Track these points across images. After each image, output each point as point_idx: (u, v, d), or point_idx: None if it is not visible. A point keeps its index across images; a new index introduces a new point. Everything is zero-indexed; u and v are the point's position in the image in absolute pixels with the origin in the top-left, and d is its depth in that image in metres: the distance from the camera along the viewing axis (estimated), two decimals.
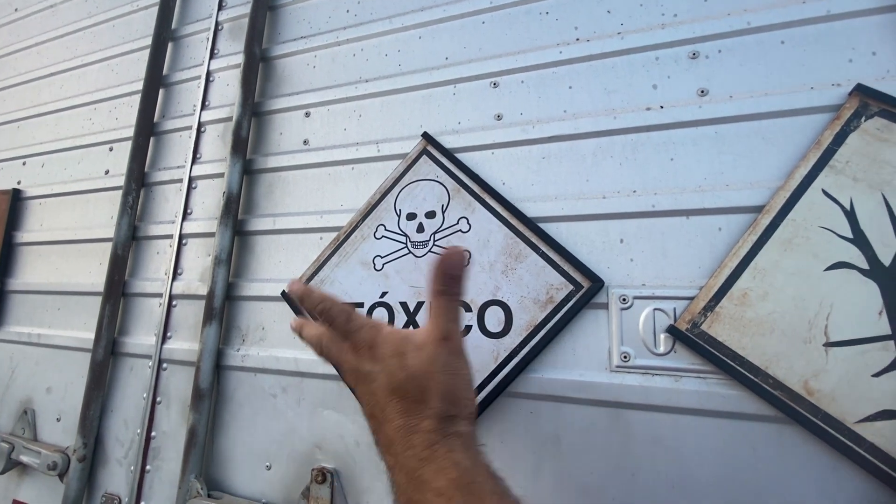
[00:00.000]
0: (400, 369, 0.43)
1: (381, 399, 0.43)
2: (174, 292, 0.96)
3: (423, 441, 0.39)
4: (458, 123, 0.81)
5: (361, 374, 0.44)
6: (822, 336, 0.55)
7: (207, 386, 0.84)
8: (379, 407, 0.43)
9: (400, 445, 0.40)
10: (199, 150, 1.04)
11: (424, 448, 0.39)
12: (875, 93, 0.58)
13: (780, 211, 0.59)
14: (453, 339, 0.45)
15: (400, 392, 0.42)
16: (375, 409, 0.43)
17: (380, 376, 0.43)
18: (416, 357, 0.43)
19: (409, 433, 0.40)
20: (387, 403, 0.42)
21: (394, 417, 0.42)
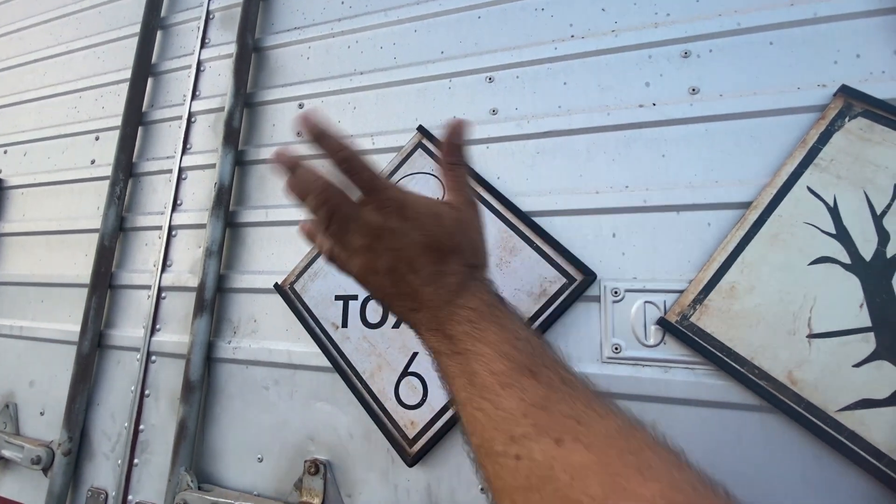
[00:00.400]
0: (437, 226, 0.44)
1: (411, 253, 0.43)
2: (163, 284, 0.95)
3: (456, 279, 0.43)
4: (454, 117, 0.81)
5: (388, 231, 0.43)
6: (806, 328, 0.57)
7: (198, 378, 0.83)
8: (406, 260, 0.44)
9: (431, 287, 0.43)
10: (189, 141, 1.02)
11: (457, 284, 0.43)
12: (858, 94, 0.60)
13: (767, 207, 0.61)
14: (476, 203, 0.49)
15: (435, 245, 0.44)
16: (400, 263, 0.44)
17: (412, 233, 0.44)
18: (451, 216, 0.46)
19: (442, 276, 0.44)
20: (418, 256, 0.43)
21: (425, 266, 0.44)
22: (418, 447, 0.68)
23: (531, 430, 0.34)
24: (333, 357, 0.76)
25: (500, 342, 0.40)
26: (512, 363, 0.38)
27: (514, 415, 0.35)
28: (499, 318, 0.42)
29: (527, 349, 0.39)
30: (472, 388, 0.39)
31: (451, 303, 0.42)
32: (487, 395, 0.38)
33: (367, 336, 0.75)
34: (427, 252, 0.43)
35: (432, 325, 0.43)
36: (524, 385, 0.37)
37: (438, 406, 0.69)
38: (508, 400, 0.36)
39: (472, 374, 0.39)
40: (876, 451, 0.51)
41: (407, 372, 0.71)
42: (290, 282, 0.83)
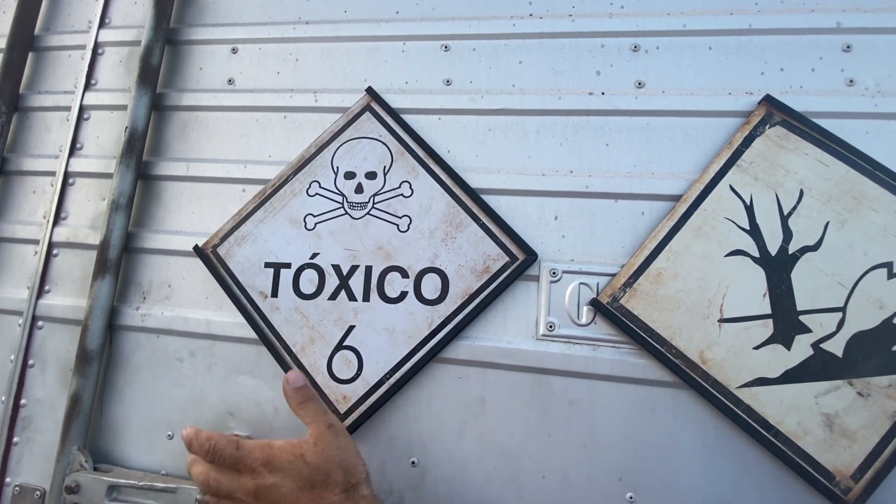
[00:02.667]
0: (304, 466, 0.49)
1: (289, 498, 0.48)
2: (55, 239, 0.82)
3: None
4: (406, 83, 0.77)
5: (264, 489, 0.48)
6: (718, 313, 0.62)
7: (97, 348, 0.73)
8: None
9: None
10: (93, 75, 0.88)
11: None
12: (779, 104, 0.66)
13: (695, 201, 0.66)
14: (335, 424, 0.53)
15: (308, 485, 0.48)
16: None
17: (286, 481, 0.48)
18: (314, 452, 0.50)
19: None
20: (296, 500, 0.48)
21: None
22: (350, 421, 0.66)
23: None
24: (260, 328, 0.71)
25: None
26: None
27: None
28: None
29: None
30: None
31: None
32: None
33: (300, 307, 0.71)
34: (303, 495, 0.48)
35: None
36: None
37: (374, 380, 0.67)
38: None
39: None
40: (766, 423, 0.58)
41: (342, 346, 0.69)
42: (212, 245, 0.75)
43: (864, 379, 0.58)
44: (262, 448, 0.50)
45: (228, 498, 0.50)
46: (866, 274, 0.60)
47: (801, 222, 0.63)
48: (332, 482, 0.49)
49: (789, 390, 0.59)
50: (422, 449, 0.67)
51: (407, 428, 0.67)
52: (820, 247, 0.62)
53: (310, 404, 0.54)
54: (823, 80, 0.68)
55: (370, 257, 0.71)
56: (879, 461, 0.56)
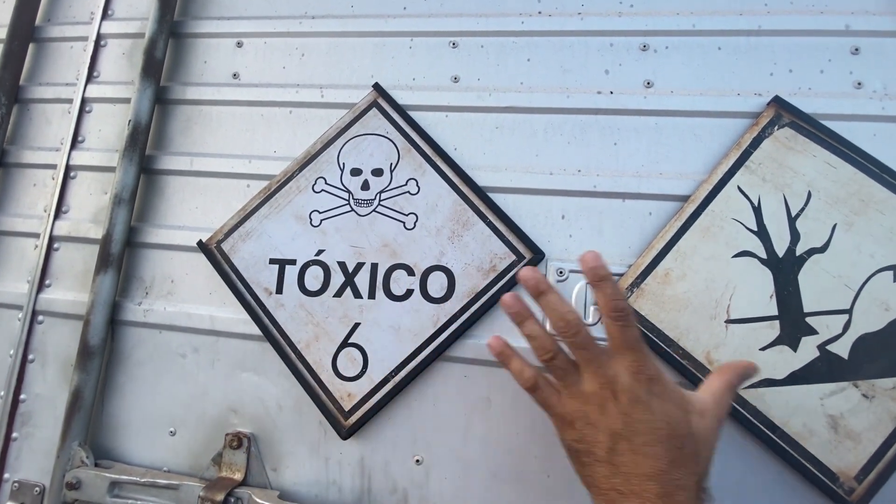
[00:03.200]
0: (684, 424, 0.42)
1: (645, 432, 0.40)
2: (56, 233, 0.81)
3: (684, 500, 0.39)
4: (413, 80, 0.77)
5: (629, 394, 0.41)
6: (725, 314, 0.62)
7: (98, 343, 0.73)
8: (636, 435, 0.40)
9: (647, 485, 0.38)
10: (96, 68, 0.87)
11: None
12: (788, 105, 0.66)
13: (703, 201, 0.66)
14: (723, 420, 0.46)
15: (675, 441, 0.40)
16: (627, 432, 0.41)
17: (660, 416, 0.41)
18: (700, 422, 0.43)
19: (668, 483, 0.39)
20: (650, 442, 0.40)
21: (657, 456, 0.40)
22: (354, 420, 0.66)
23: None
24: (265, 325, 0.71)
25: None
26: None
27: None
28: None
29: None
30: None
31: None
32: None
33: (305, 304, 0.70)
34: (663, 443, 0.40)
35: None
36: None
37: (378, 378, 0.66)
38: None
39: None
40: (771, 425, 0.58)
41: (347, 343, 0.68)
42: (217, 240, 0.75)
43: (870, 381, 0.58)
44: (656, 364, 0.43)
45: (589, 363, 0.42)
46: (873, 276, 0.61)
47: (808, 224, 0.63)
48: (696, 463, 0.41)
49: (795, 392, 0.59)
50: (426, 447, 0.66)
51: (412, 426, 0.67)
52: (827, 249, 0.62)
53: (729, 385, 0.47)
54: (832, 82, 0.68)
55: (376, 255, 0.70)
56: (883, 462, 0.57)
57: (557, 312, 0.45)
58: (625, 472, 0.40)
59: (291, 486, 0.69)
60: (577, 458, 0.44)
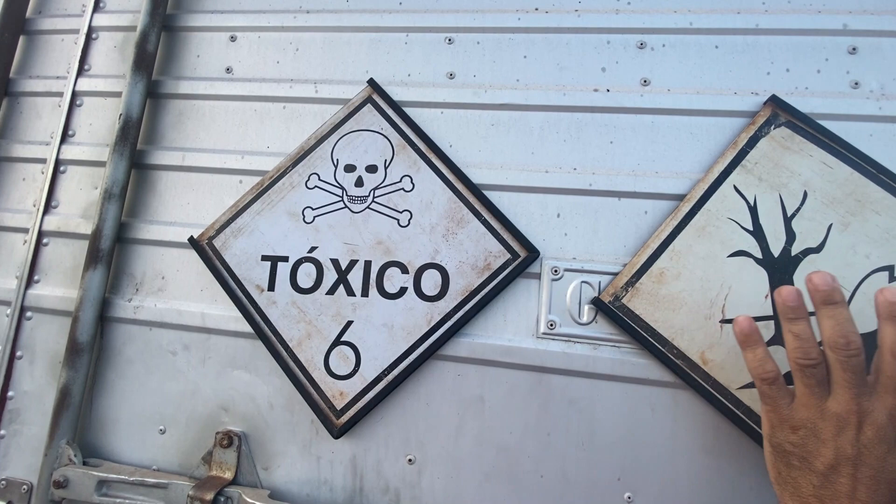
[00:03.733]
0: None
1: (878, 469, 0.41)
2: (45, 228, 0.80)
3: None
4: (408, 76, 0.76)
5: (880, 434, 0.41)
6: (720, 313, 0.62)
7: (87, 339, 0.72)
8: (869, 469, 0.41)
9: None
10: (87, 61, 0.86)
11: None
12: (785, 105, 0.66)
13: (699, 201, 0.65)
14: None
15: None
16: (863, 468, 0.41)
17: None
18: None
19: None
20: (881, 478, 0.41)
21: (878, 493, 0.40)
22: (346, 418, 0.65)
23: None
24: (256, 323, 0.70)
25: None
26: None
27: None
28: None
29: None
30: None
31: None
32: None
33: (297, 302, 0.70)
34: (887, 485, 0.40)
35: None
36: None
37: (371, 377, 0.66)
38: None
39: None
40: None
41: (339, 341, 0.67)
42: (208, 237, 0.74)
43: None
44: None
45: (847, 384, 0.42)
46: (868, 277, 0.60)
47: (804, 224, 0.63)
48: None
49: None
50: (419, 447, 0.66)
51: (404, 425, 0.67)
52: (823, 249, 0.62)
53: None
54: (829, 81, 0.68)
55: (370, 252, 0.69)
56: None
57: (844, 329, 0.44)
58: (836, 493, 0.41)
59: (282, 486, 0.68)
60: (786, 459, 0.45)
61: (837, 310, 0.45)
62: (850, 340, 0.43)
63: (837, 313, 0.45)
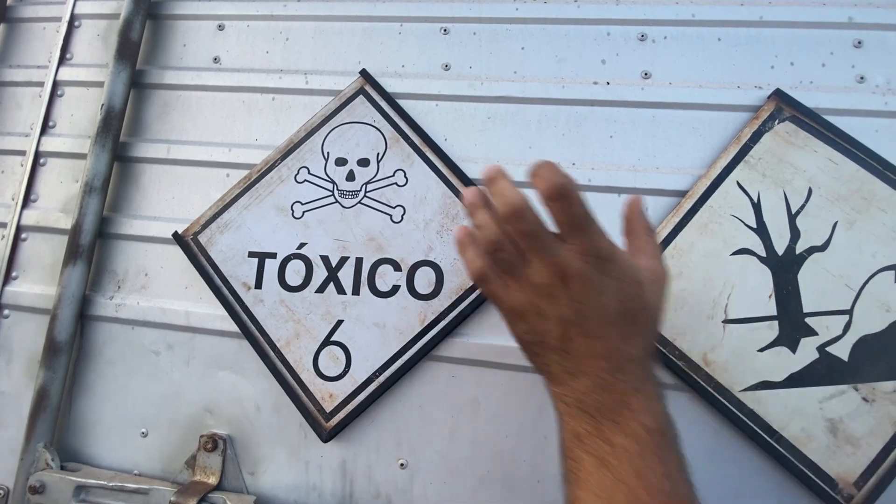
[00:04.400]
0: (637, 297, 0.39)
1: (597, 314, 0.38)
2: (24, 223, 0.77)
3: (637, 371, 0.39)
4: (402, 67, 0.74)
5: (579, 279, 0.37)
6: (723, 314, 0.60)
7: (66, 339, 0.69)
8: (589, 320, 0.38)
9: (604, 364, 0.38)
10: (69, 49, 0.83)
11: (637, 379, 0.38)
12: (789, 99, 0.64)
13: (701, 197, 0.63)
14: (668, 276, 0.44)
15: (629, 318, 0.39)
16: (580, 320, 0.38)
17: (609, 294, 0.38)
18: (653, 292, 0.41)
19: (620, 357, 0.38)
20: (603, 323, 0.38)
21: (607, 336, 0.38)
22: (336, 421, 0.63)
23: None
24: (242, 321, 0.67)
25: (657, 479, 0.36)
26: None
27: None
28: (663, 449, 0.37)
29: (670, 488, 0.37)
30: (598, 499, 0.35)
31: (617, 406, 0.37)
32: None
33: (285, 300, 0.67)
34: (616, 322, 0.38)
35: (587, 405, 0.37)
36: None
37: (362, 378, 0.63)
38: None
39: (604, 488, 0.35)
40: (769, 429, 0.56)
41: (329, 341, 0.65)
42: (193, 232, 0.71)
43: (870, 384, 0.56)
44: (610, 242, 0.39)
45: (534, 251, 0.38)
46: (874, 276, 0.59)
47: (809, 221, 0.61)
48: (646, 334, 0.41)
49: (794, 394, 0.57)
50: (411, 450, 0.64)
51: (396, 428, 0.64)
52: (828, 247, 0.60)
53: (654, 237, 0.45)
54: (834, 75, 0.66)
55: (361, 249, 0.67)
56: (883, 468, 0.55)
57: (504, 198, 0.39)
58: (576, 355, 0.39)
59: (269, 491, 0.66)
60: (530, 349, 0.42)
61: (497, 184, 0.40)
62: (511, 203, 0.39)
63: (497, 188, 0.40)
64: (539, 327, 0.40)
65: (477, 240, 0.42)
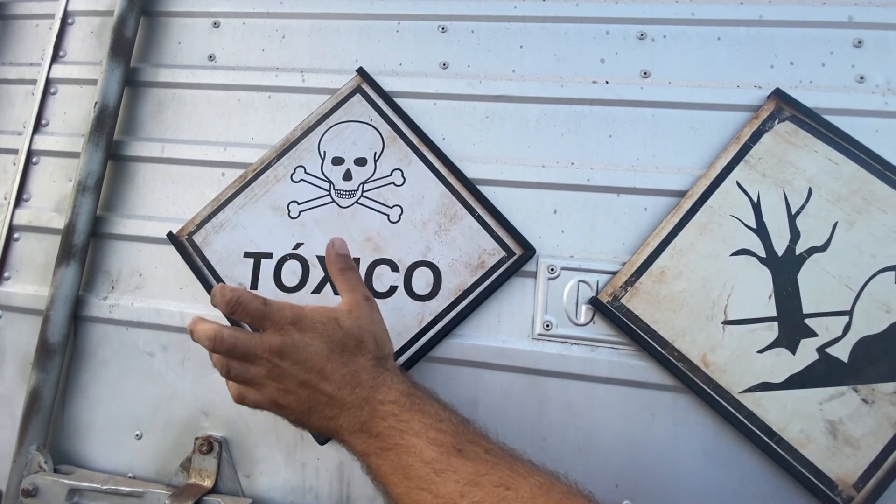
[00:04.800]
0: (337, 329, 0.47)
1: (318, 360, 0.46)
2: (16, 222, 0.76)
3: (369, 376, 0.46)
4: (400, 65, 0.73)
5: (291, 347, 0.45)
6: (722, 314, 0.60)
7: (59, 340, 0.68)
8: (316, 369, 0.45)
9: (347, 389, 0.45)
10: (62, 47, 0.82)
11: (371, 379, 0.46)
12: (789, 99, 0.64)
13: (700, 197, 0.63)
14: (370, 298, 0.53)
15: (339, 348, 0.47)
16: (311, 374, 0.45)
17: (316, 341, 0.46)
18: (349, 318, 0.49)
19: (355, 376, 0.46)
20: (326, 362, 0.46)
21: (336, 370, 0.46)
22: None
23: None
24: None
25: (426, 429, 0.43)
26: (440, 447, 0.41)
27: (453, 497, 0.39)
28: (419, 405, 0.45)
29: (450, 429, 0.43)
30: (409, 480, 0.41)
31: (369, 400, 0.45)
32: (425, 485, 0.40)
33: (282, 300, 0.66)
34: (333, 356, 0.46)
35: (355, 427, 0.45)
36: (455, 466, 0.40)
37: None
38: (445, 485, 0.39)
39: (405, 467, 0.41)
40: (769, 430, 0.56)
41: None
42: (188, 232, 0.70)
43: (869, 385, 0.56)
44: (292, 307, 0.47)
45: (245, 358, 0.46)
46: (874, 277, 0.58)
47: (809, 222, 0.60)
48: (363, 349, 0.48)
49: (793, 396, 0.57)
50: None
51: None
52: (828, 248, 0.60)
53: (350, 273, 0.53)
54: (833, 75, 0.66)
55: (358, 249, 0.66)
56: (882, 470, 0.55)
57: (201, 338, 0.47)
58: (332, 395, 0.45)
59: (265, 494, 0.65)
60: (309, 420, 0.48)
61: (195, 333, 0.48)
62: (209, 336, 0.46)
63: (197, 334, 0.47)
64: (293, 402, 0.46)
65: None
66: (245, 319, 0.46)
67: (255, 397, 0.48)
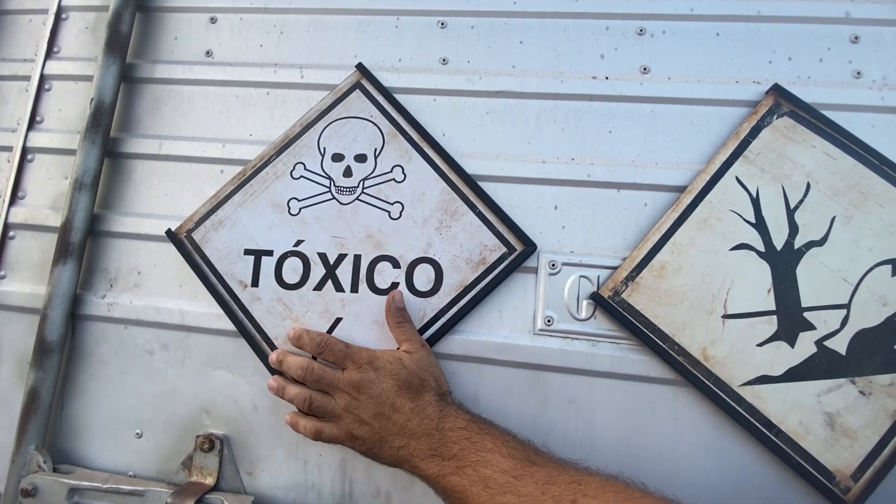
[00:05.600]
0: (403, 369, 0.56)
1: (389, 395, 0.55)
2: (12, 220, 0.75)
3: (435, 409, 0.54)
4: (399, 61, 0.73)
5: (367, 382, 0.55)
6: (722, 308, 0.60)
7: (57, 339, 0.67)
8: (388, 402, 0.54)
9: (416, 420, 0.53)
10: (56, 42, 0.81)
11: (437, 412, 0.54)
12: (788, 94, 0.64)
13: (700, 192, 0.63)
14: (426, 345, 0.61)
15: (406, 385, 0.55)
16: (383, 407, 0.54)
17: (386, 379, 0.55)
18: (411, 359, 0.57)
19: (422, 409, 0.54)
20: (396, 397, 0.54)
21: (404, 404, 0.54)
22: None
23: (553, 502, 0.45)
24: (239, 320, 0.66)
25: (499, 446, 0.50)
26: (515, 459, 0.49)
27: (534, 494, 0.46)
28: (486, 429, 0.53)
29: (518, 445, 0.52)
30: (489, 489, 0.48)
31: (439, 429, 0.53)
32: (507, 489, 0.47)
33: (282, 298, 0.66)
34: (402, 392, 0.55)
35: (426, 454, 0.52)
36: (531, 472, 0.48)
37: None
38: (525, 486, 0.47)
39: (485, 479, 0.48)
40: (768, 422, 0.57)
41: None
42: (187, 229, 0.70)
43: (867, 377, 0.57)
44: (367, 350, 0.58)
45: (330, 388, 0.56)
46: (871, 270, 0.59)
47: (807, 216, 0.61)
48: (426, 386, 0.56)
49: (792, 388, 0.58)
50: None
51: None
52: (826, 242, 0.60)
53: (407, 325, 0.61)
54: (831, 71, 0.66)
55: (359, 245, 0.66)
56: (879, 461, 0.55)
57: (292, 367, 0.59)
58: (401, 425, 0.53)
59: (267, 491, 0.65)
60: (381, 450, 0.54)
61: (285, 365, 0.60)
62: (302, 367, 0.58)
63: (287, 366, 0.60)
64: (367, 431, 0.54)
65: (296, 406, 0.59)
66: (329, 359, 0.58)
67: (332, 431, 0.56)
